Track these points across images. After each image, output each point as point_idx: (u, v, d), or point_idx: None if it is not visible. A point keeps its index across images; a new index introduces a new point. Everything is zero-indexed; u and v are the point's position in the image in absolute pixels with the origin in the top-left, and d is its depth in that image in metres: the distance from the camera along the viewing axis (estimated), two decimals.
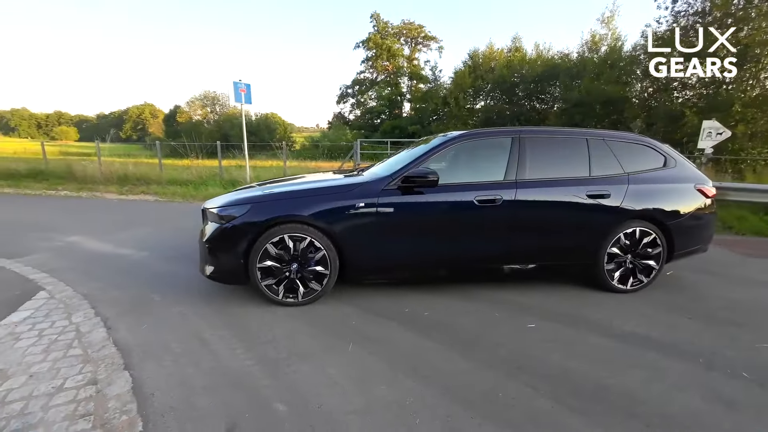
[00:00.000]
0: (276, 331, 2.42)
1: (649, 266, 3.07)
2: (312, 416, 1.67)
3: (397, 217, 2.74)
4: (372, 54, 36.38)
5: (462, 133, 3.04)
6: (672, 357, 2.19)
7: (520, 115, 22.99)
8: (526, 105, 24.64)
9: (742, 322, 2.64)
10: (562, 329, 2.51)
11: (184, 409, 1.69)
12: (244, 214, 2.64)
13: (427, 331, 2.46)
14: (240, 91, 7.78)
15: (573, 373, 2.02)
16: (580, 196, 2.90)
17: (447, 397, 1.81)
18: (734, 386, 1.92)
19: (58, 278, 3.27)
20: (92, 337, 2.29)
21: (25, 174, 9.38)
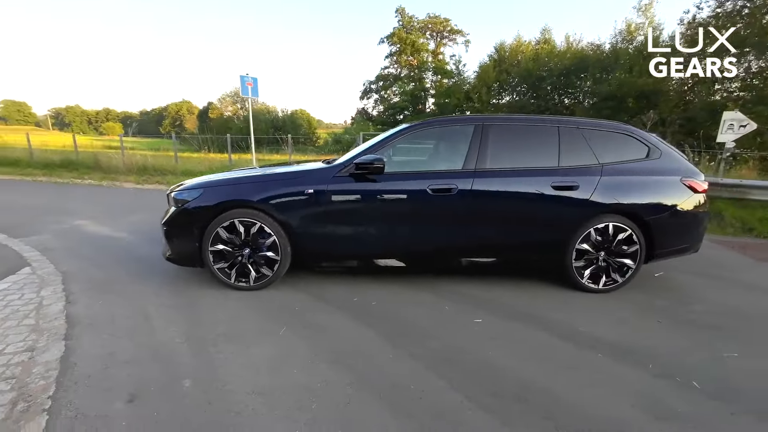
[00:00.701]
0: (220, 313, 2.47)
1: (625, 265, 2.84)
2: (214, 393, 1.69)
3: (347, 204, 2.70)
4: (396, 49, 36.15)
5: (424, 121, 2.95)
6: (621, 361, 2.02)
7: (546, 110, 22.01)
8: (554, 100, 23.58)
9: (721, 329, 2.40)
10: (511, 326, 2.38)
11: (98, 379, 1.76)
12: (197, 198, 2.70)
13: (367, 320, 2.41)
14: (247, 84, 7.98)
15: (501, 371, 1.92)
16: (545, 188, 2.72)
17: (357, 386, 1.77)
18: (677, 396, 1.74)
19: (48, 257, 3.51)
20: (50, 310, 2.44)
21: (58, 164, 10.18)
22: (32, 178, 8.96)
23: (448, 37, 37.61)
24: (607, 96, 17.58)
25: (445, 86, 33.56)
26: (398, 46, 35.72)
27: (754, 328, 2.43)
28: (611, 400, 1.71)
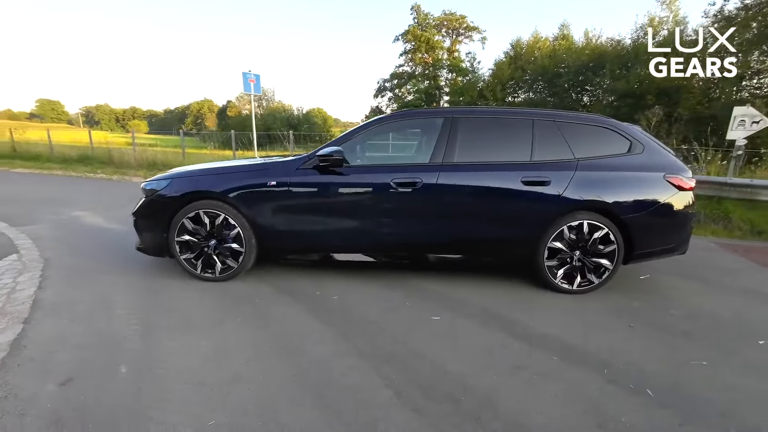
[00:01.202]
0: (181, 302, 2.50)
1: (601, 265, 2.70)
2: (146, 380, 1.70)
3: (309, 197, 2.68)
4: (411, 47, 35.92)
5: (392, 113, 2.89)
6: (575, 365, 1.92)
7: (563, 108, 21.39)
8: (572, 97, 22.87)
9: (696, 336, 2.24)
10: (468, 324, 2.31)
11: (41, 361, 1.81)
12: (164, 188, 2.74)
13: (325, 314, 2.38)
14: (249, 81, 8.10)
15: (443, 369, 1.85)
16: (514, 183, 2.62)
17: (295, 380, 1.74)
18: (625, 403, 1.63)
19: (37, 244, 3.65)
20: (20, 294, 2.53)
21: (75, 159, 10.63)
22: (49, 172, 9.39)
23: (464, 34, 37.07)
24: (625, 93, 16.90)
25: (459, 84, 33.19)
26: (413, 44, 35.49)
27: (732, 336, 2.26)
28: (551, 406, 1.62)
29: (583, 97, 22.88)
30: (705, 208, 4.95)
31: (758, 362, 1.99)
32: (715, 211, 4.90)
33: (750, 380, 1.82)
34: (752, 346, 2.15)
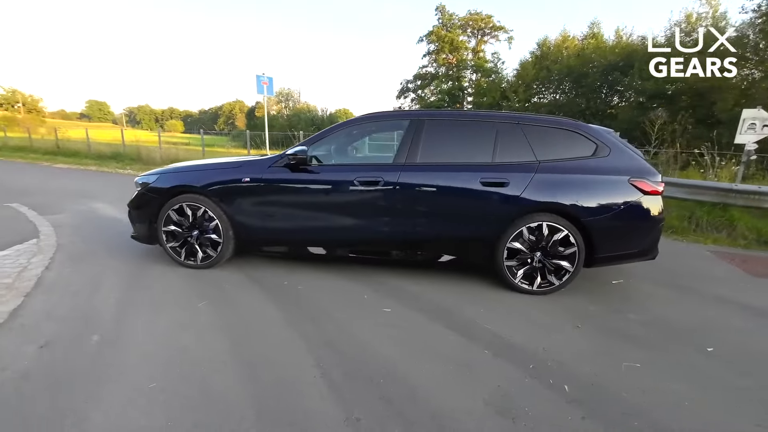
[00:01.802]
0: (159, 284, 2.77)
1: (562, 267, 2.72)
2: (108, 348, 1.94)
3: (279, 192, 2.88)
4: (434, 47, 35.77)
5: (362, 116, 3.03)
6: (503, 359, 1.98)
7: (588, 110, 20.60)
8: (600, 97, 21.99)
9: (643, 340, 2.24)
10: (415, 318, 2.41)
11: (28, 328, 2.10)
12: (153, 182, 3.03)
13: (284, 303, 2.57)
14: (262, 83, 8.49)
15: (373, 356, 1.97)
16: (473, 183, 2.69)
17: (234, 357, 1.92)
18: (536, 397, 1.70)
19: (56, 231, 4.09)
20: (29, 273, 2.89)
21: (109, 156, 11.52)
22: (84, 168, 10.26)
23: (490, 34, 36.43)
24: (655, 94, 16.08)
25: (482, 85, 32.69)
26: (436, 45, 35.33)
27: (682, 343, 2.23)
28: (461, 393, 1.70)
29: (614, 98, 21.95)
30: (708, 215, 4.73)
31: (698, 368, 1.97)
32: (718, 219, 4.66)
33: (680, 385, 1.82)
34: (699, 353, 2.12)
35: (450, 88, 35.23)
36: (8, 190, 6.72)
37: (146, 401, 1.57)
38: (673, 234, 4.75)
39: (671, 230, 4.79)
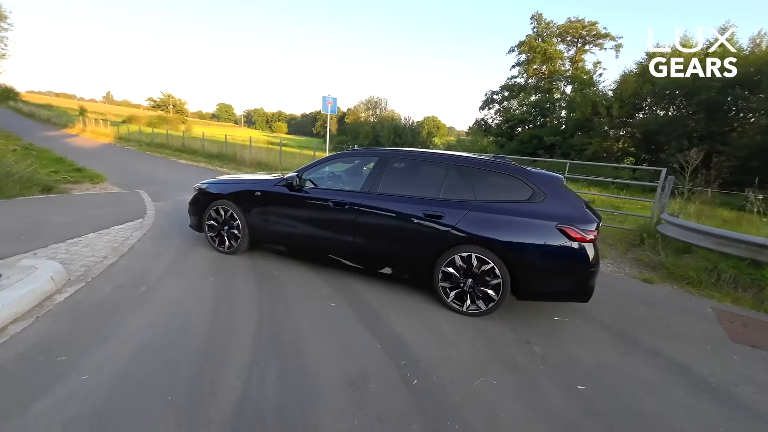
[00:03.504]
0: (192, 261, 3.96)
1: (488, 295, 3.09)
2: (141, 296, 3.09)
3: (278, 204, 3.83)
4: (525, 58, 34.24)
5: (346, 151, 3.83)
6: (387, 355, 2.54)
7: (696, 131, 17.63)
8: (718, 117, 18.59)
9: (523, 369, 2.54)
10: (349, 315, 3.08)
11: (113, 276, 3.41)
12: (203, 189, 4.29)
13: (265, 286, 3.49)
14: (327, 103, 9.85)
15: (295, 332, 2.74)
16: (417, 213, 3.25)
17: (202, 311, 2.90)
18: (386, 382, 2.27)
19: (156, 215, 5.80)
20: (128, 242, 4.39)
21: (215, 155, 14.42)
22: (196, 164, 13.11)
23: (592, 42, 33.39)
24: None
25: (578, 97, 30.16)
26: (528, 55, 33.80)
27: (556, 375, 2.47)
28: (335, 367, 2.36)
29: (737, 117, 18.34)
30: (734, 270, 4.22)
31: (546, 397, 2.26)
32: (746, 276, 4.14)
33: (514, 404, 2.18)
34: (564, 387, 2.36)
35: (539, 100, 33.34)
36: (142, 180, 9.26)
37: (154, 326, 2.63)
38: (688, 285, 4.38)
39: (687, 282, 4.43)
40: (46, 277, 2.99)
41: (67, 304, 2.85)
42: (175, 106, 77.55)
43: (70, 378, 2.05)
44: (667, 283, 4.52)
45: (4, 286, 2.76)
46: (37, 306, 2.76)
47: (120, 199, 6.77)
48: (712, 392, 2.47)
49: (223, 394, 2.03)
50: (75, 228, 4.63)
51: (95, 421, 1.78)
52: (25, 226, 4.53)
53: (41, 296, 2.85)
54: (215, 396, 2.02)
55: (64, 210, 5.53)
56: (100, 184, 8.14)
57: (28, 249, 3.77)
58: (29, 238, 4.06)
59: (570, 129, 25.87)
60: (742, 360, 2.90)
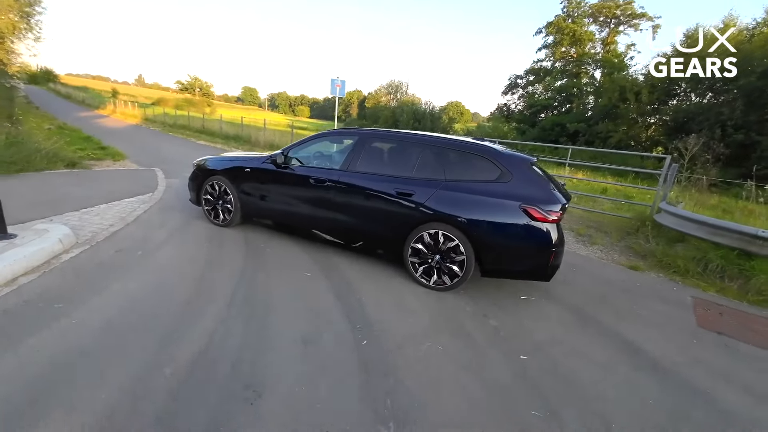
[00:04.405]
0: (192, 233, 4.29)
1: (453, 271, 3.22)
2: (140, 257, 3.42)
3: (265, 181, 4.06)
4: (552, 40, 32.65)
5: (327, 131, 3.99)
6: (346, 318, 2.75)
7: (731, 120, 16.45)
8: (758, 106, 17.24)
9: (473, 339, 2.68)
10: (320, 283, 3.29)
11: (116, 241, 3.77)
12: (201, 166, 4.57)
13: (251, 256, 3.75)
14: (336, 86, 9.93)
15: (269, 294, 2.99)
16: (390, 191, 3.38)
17: (194, 270, 3.19)
18: (339, 340, 2.48)
19: (165, 190, 6.20)
20: (135, 213, 4.77)
21: (231, 137, 14.89)
22: (213, 144, 13.60)
23: (627, 22, 31.33)
24: None
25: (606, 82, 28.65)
26: (555, 37, 32.18)
27: (502, 346, 2.60)
28: (298, 328, 2.59)
29: None
30: (723, 261, 4.11)
31: (486, 363, 2.40)
32: (734, 267, 4.03)
33: (450, 367, 2.33)
34: (507, 356, 2.49)
35: (565, 85, 31.91)
36: (160, 158, 9.78)
37: (144, 284, 2.94)
38: (675, 274, 4.32)
39: (674, 270, 4.36)
40: (55, 239, 3.37)
41: (71, 263, 3.21)
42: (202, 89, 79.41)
43: (62, 321, 2.37)
44: (654, 271, 4.47)
45: (18, 245, 3.14)
46: (45, 263, 3.13)
47: (136, 176, 7.25)
48: (659, 372, 2.53)
49: (189, 342, 2.30)
50: (90, 200, 5.06)
51: (77, 355, 2.09)
52: (47, 196, 5.01)
53: (50, 255, 3.22)
54: (182, 343, 2.29)
55: (83, 183, 6.02)
56: (120, 162, 8.69)
57: (46, 216, 4.20)
58: (49, 207, 4.50)
59: (596, 116, 24.70)
60: (702, 345, 2.92)
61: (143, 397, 1.85)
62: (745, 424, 2.11)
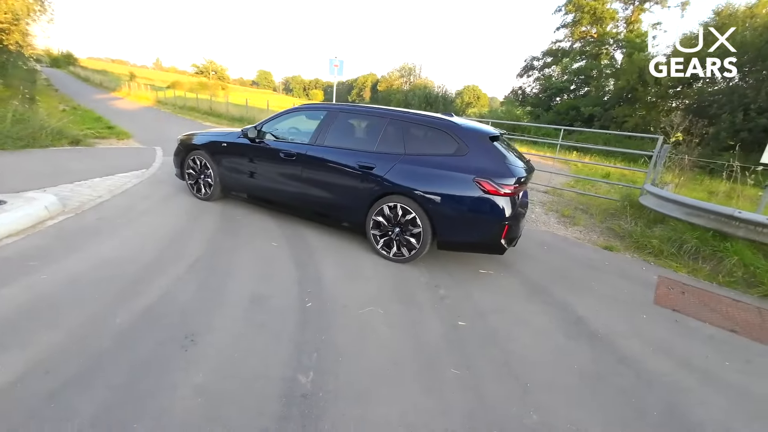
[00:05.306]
0: (174, 205, 4.49)
1: (411, 243, 3.31)
2: (124, 224, 3.64)
3: (238, 155, 4.19)
4: (572, 19, 31.17)
5: (297, 107, 4.06)
6: (299, 282, 2.90)
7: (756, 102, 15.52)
8: None
9: (415, 305, 2.79)
10: (284, 252, 3.44)
11: (99, 209, 4.01)
12: (183, 140, 4.73)
13: (225, 226, 3.92)
14: (334, 66, 9.89)
15: (231, 258, 3.16)
16: (353, 165, 3.45)
17: (170, 233, 3.39)
18: (287, 296, 2.62)
19: (161, 167, 6.43)
20: (125, 186, 5.01)
21: (237, 118, 15.10)
22: (219, 125, 13.83)
23: None
24: None
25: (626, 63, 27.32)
26: (575, 16, 30.70)
27: (442, 312, 2.70)
28: (263, 282, 2.75)
29: None
30: (699, 242, 4.03)
31: (424, 325, 2.51)
32: (708, 248, 3.95)
33: (385, 330, 2.45)
34: (444, 322, 2.59)
35: (584, 66, 30.60)
36: (163, 137, 10.04)
37: (117, 248, 3.15)
38: (649, 255, 4.27)
39: (649, 251, 4.31)
40: (41, 206, 3.61)
41: (54, 228, 3.45)
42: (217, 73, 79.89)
43: (32, 276, 2.59)
44: (629, 252, 4.43)
45: (6, 210, 3.39)
46: (30, 227, 3.38)
47: (136, 153, 7.53)
48: (595, 340, 2.58)
49: (145, 297, 2.49)
50: (86, 173, 5.33)
51: (39, 303, 2.31)
52: (47, 169, 5.30)
53: (35, 220, 3.47)
54: (138, 297, 2.48)
55: (83, 159, 6.31)
56: (124, 140, 9.01)
57: (41, 187, 4.47)
58: (46, 179, 4.78)
59: (612, 99, 23.71)
60: (650, 319, 2.94)
61: (91, 340, 2.05)
62: (661, 387, 2.16)
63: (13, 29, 12.61)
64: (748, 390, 2.24)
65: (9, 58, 13.67)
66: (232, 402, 1.74)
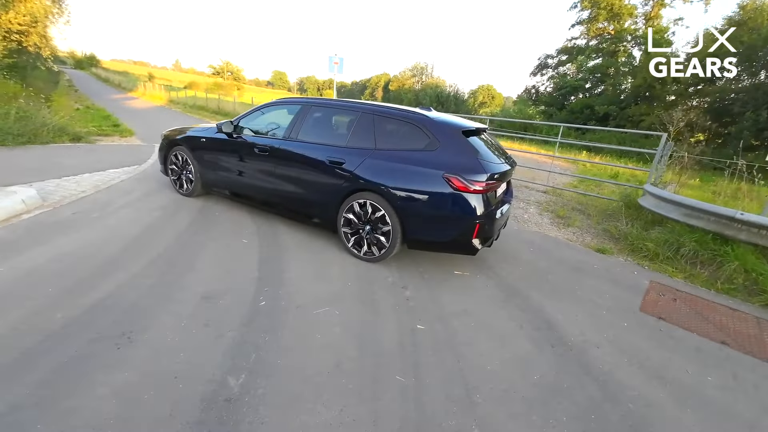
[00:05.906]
0: (157, 199, 4.48)
1: (381, 242, 3.17)
2: (103, 220, 3.64)
3: (216, 150, 4.14)
4: (588, 15, 30.31)
5: (272, 101, 3.98)
6: (263, 278, 2.81)
7: None
8: None
9: (376, 305, 2.66)
10: (253, 248, 3.36)
11: (80, 203, 4.02)
12: (167, 136, 4.72)
13: (202, 220, 3.88)
14: (334, 63, 9.81)
15: (196, 251, 3.09)
16: (323, 160, 3.34)
17: (152, 222, 3.36)
18: (243, 289, 2.54)
19: (152, 164, 6.49)
20: (114, 182, 5.05)
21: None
22: None
23: None
24: None
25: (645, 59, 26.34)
26: (591, 12, 29.82)
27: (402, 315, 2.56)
28: (222, 279, 2.68)
29: None
30: (698, 245, 3.74)
31: (377, 325, 2.38)
32: (707, 252, 3.66)
33: (335, 329, 2.33)
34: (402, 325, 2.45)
35: (600, 64, 29.73)
36: None
37: (83, 241, 3.13)
38: (645, 259, 4.01)
39: (644, 255, 4.04)
40: (18, 199, 3.64)
41: (28, 221, 3.46)
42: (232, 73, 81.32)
43: None
44: (623, 255, 4.17)
45: None
46: (4, 220, 3.40)
47: (134, 150, 7.62)
48: (562, 347, 2.40)
49: (96, 292, 2.44)
50: (76, 169, 5.40)
51: None
52: (39, 165, 5.39)
53: (11, 213, 3.50)
54: (89, 292, 2.43)
55: (79, 155, 6.42)
56: (127, 138, 9.16)
57: (28, 181, 4.53)
58: (35, 174, 4.85)
59: (629, 98, 22.88)
60: (630, 328, 2.72)
61: (24, 336, 2.00)
62: (628, 403, 1.97)
63: (31, 31, 13.04)
64: (728, 409, 2.03)
65: (29, 59, 14.18)
66: (148, 404, 1.65)
